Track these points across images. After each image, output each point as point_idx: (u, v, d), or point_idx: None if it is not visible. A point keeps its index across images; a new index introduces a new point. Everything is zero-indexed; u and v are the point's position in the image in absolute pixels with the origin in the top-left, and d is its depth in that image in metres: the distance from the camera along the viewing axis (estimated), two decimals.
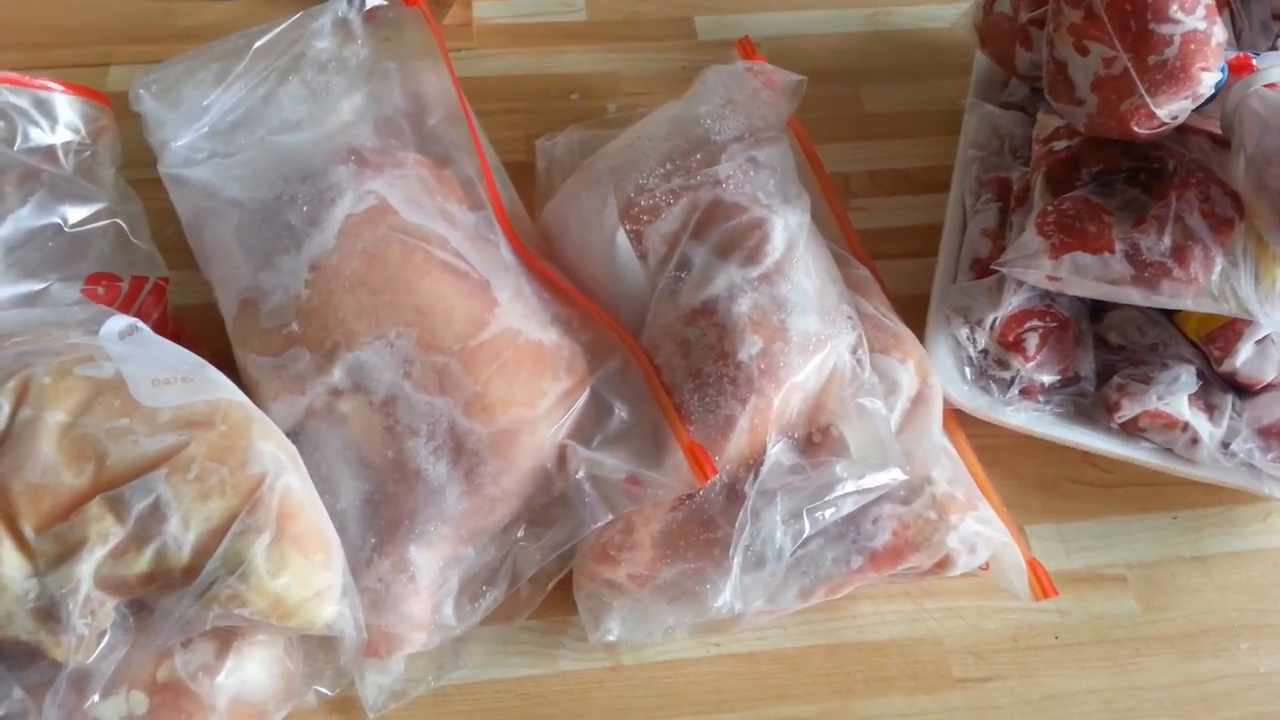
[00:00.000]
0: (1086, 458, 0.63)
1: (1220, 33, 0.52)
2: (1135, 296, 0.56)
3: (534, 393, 0.54)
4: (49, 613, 0.44)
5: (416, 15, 0.66)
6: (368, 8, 0.65)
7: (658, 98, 0.78)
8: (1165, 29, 0.51)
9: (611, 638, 0.54)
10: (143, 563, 0.44)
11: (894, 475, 0.52)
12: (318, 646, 0.50)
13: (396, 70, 0.64)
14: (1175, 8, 0.51)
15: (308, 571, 0.46)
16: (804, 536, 0.51)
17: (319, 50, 0.63)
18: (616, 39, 0.82)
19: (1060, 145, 0.61)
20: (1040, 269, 0.56)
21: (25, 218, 0.57)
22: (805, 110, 0.66)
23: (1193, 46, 0.51)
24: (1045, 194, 0.59)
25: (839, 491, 0.51)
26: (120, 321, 0.53)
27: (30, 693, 0.44)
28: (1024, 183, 0.64)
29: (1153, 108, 0.53)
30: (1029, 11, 0.67)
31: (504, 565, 0.53)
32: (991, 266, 0.59)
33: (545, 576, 0.54)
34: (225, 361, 0.54)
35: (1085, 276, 0.55)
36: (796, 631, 0.57)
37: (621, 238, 0.59)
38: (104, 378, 0.47)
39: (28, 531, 0.44)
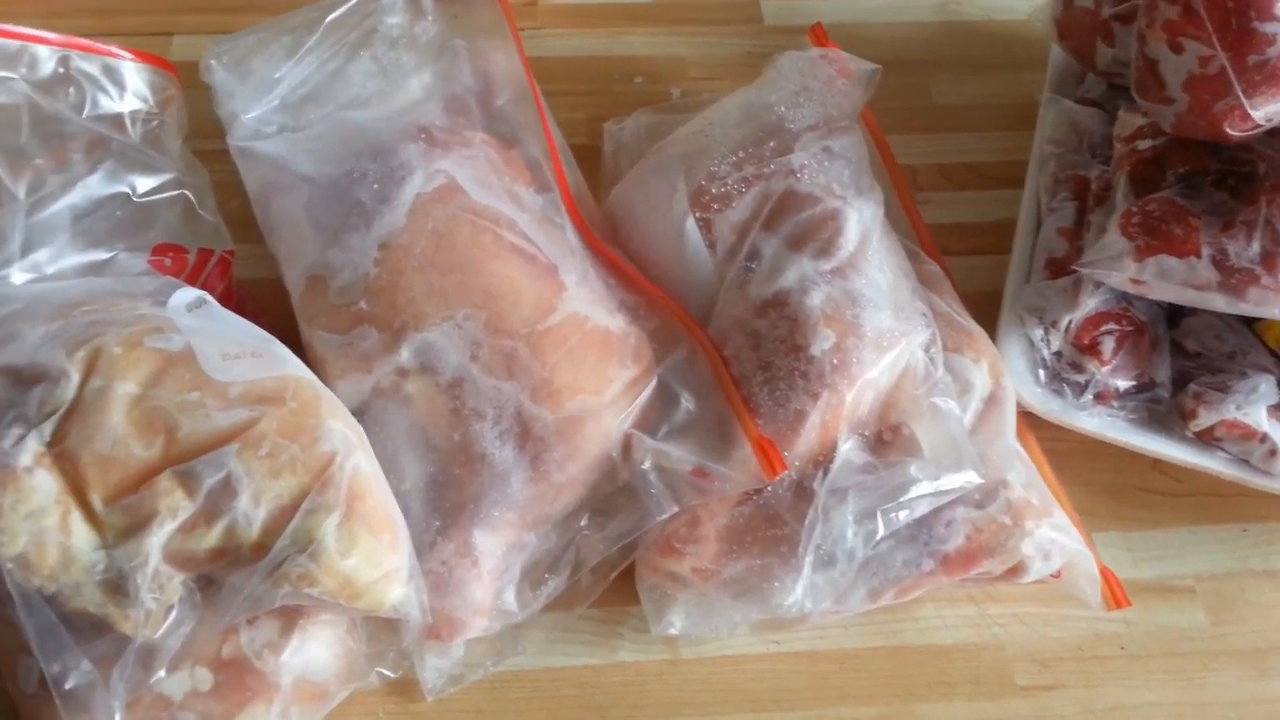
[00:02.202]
0: (1156, 465, 0.62)
1: None
2: (1220, 303, 0.54)
3: (601, 380, 0.54)
4: (117, 585, 0.44)
5: None
6: None
7: (722, 83, 0.77)
8: (1269, 28, 0.49)
9: (674, 631, 0.53)
10: (212, 538, 0.44)
11: (970, 478, 0.51)
12: (380, 628, 0.50)
13: (466, 48, 0.64)
14: None
15: (376, 552, 0.46)
16: (877, 538, 0.50)
17: (390, 26, 0.62)
18: (681, 21, 0.81)
19: (1144, 144, 0.59)
20: (1124, 271, 0.55)
21: (94, 186, 0.56)
22: (872, 100, 0.65)
23: None
24: (1129, 194, 0.58)
25: (914, 493, 0.50)
26: (188, 294, 0.52)
27: (97, 665, 0.43)
28: (1103, 181, 0.62)
29: (1248, 109, 0.51)
30: (1113, 6, 0.65)
31: (566, 553, 0.53)
32: (1073, 267, 0.58)
33: (607, 566, 0.54)
34: (286, 336, 0.53)
35: (1170, 281, 0.54)
36: (858, 632, 0.56)
37: (691, 225, 0.58)
38: (174, 350, 0.47)
39: (96, 503, 0.44)
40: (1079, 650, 0.56)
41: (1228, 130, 0.53)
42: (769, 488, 0.52)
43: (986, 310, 0.61)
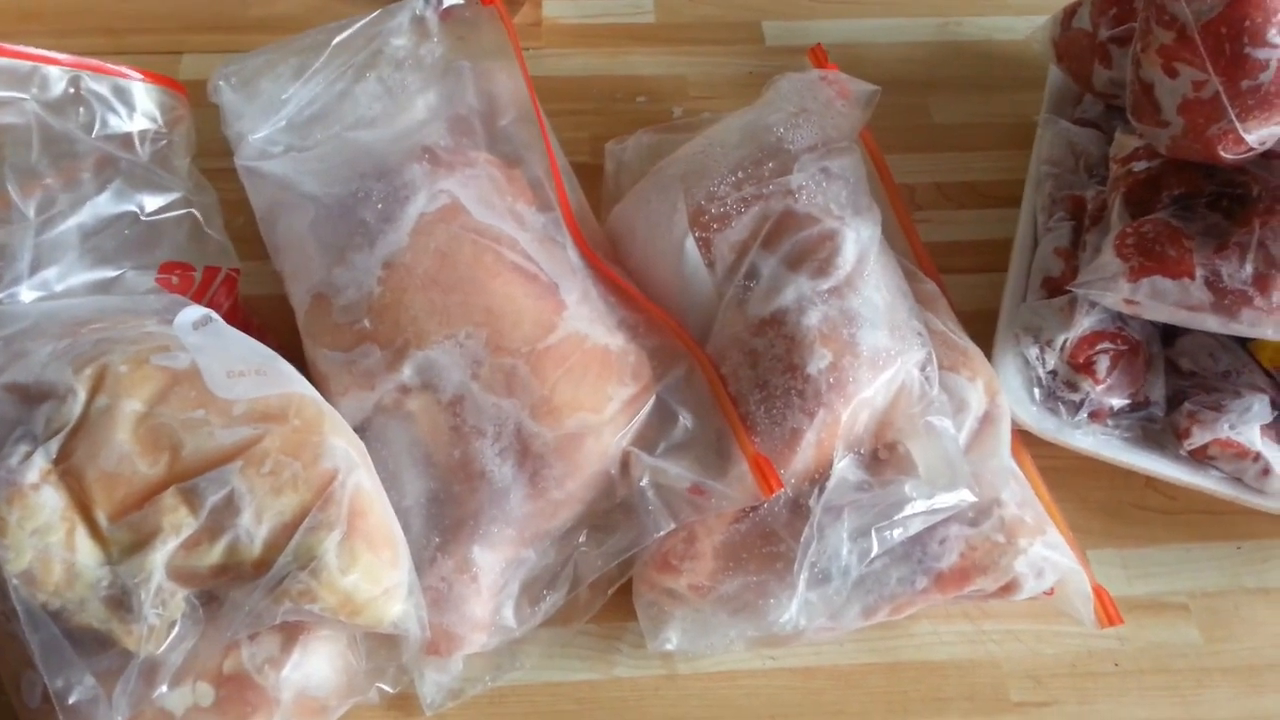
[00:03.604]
0: (1150, 483, 0.62)
1: None
2: (1213, 324, 0.55)
3: (600, 398, 0.54)
4: (121, 601, 0.44)
5: (491, 14, 0.66)
6: (444, 6, 0.65)
7: (724, 102, 0.78)
8: (1262, 53, 0.50)
9: (670, 647, 0.53)
10: (214, 555, 0.45)
11: (964, 496, 0.51)
12: (380, 643, 0.50)
13: (470, 69, 0.64)
14: (1274, 32, 0.49)
15: (377, 569, 0.46)
16: (871, 555, 0.51)
17: (396, 48, 0.63)
18: (684, 42, 0.82)
19: (1140, 166, 0.60)
20: (1118, 292, 0.55)
21: (103, 205, 0.57)
22: (871, 118, 0.65)
23: None
24: (1124, 215, 0.58)
25: (908, 511, 0.51)
26: (194, 312, 0.53)
27: (100, 680, 0.44)
28: (1099, 202, 0.63)
29: (1242, 133, 0.52)
30: (1110, 29, 0.66)
31: (565, 569, 0.54)
32: (1068, 287, 0.59)
33: (605, 582, 0.54)
34: (291, 353, 0.54)
35: (1164, 301, 0.55)
36: (854, 648, 0.56)
37: (690, 244, 0.59)
38: (179, 368, 0.48)
39: (101, 519, 0.45)
40: (1073, 667, 0.57)
41: (1222, 153, 0.54)
42: (765, 505, 0.53)
43: (982, 328, 0.62)
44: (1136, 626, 0.58)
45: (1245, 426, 0.57)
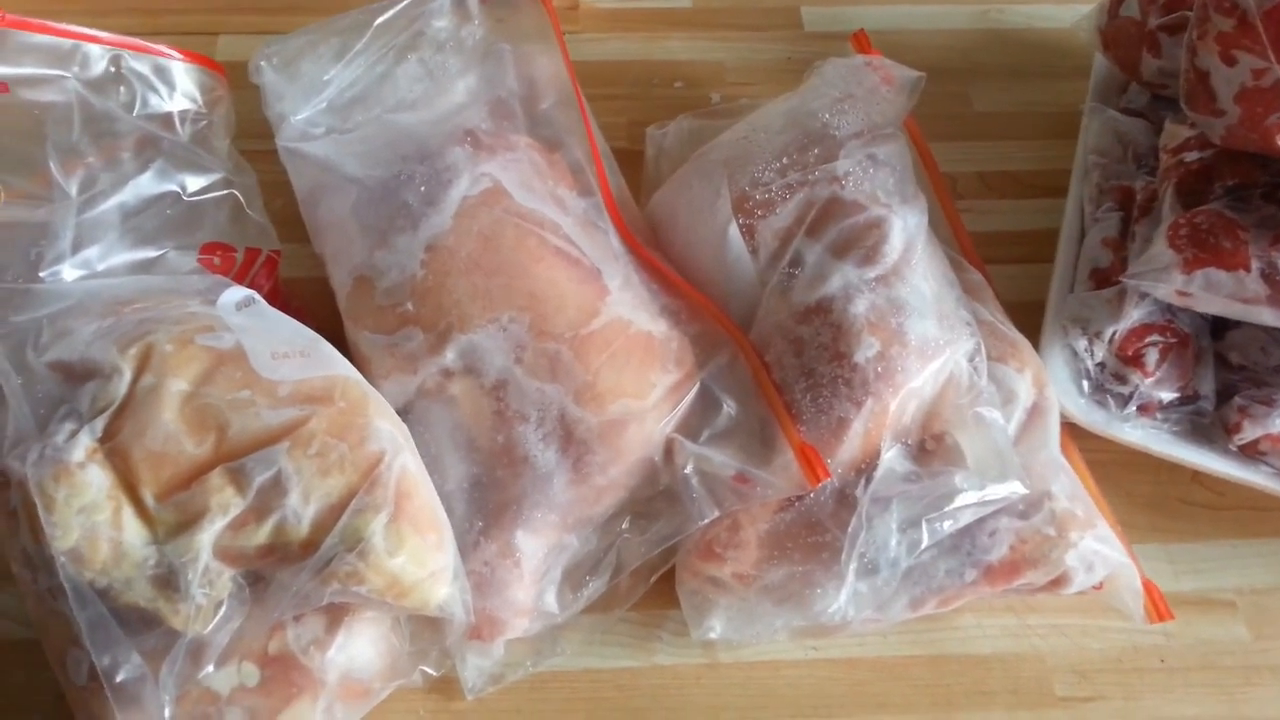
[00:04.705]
0: (1196, 477, 0.61)
1: None
2: (1269, 317, 0.54)
3: (643, 384, 0.54)
4: (167, 580, 0.44)
5: None
6: None
7: (762, 88, 0.78)
8: None
9: (714, 635, 0.53)
10: (262, 535, 0.44)
11: (1015, 488, 0.51)
12: (424, 626, 0.50)
13: (510, 52, 0.64)
14: None
15: (423, 551, 0.46)
16: (921, 547, 0.50)
17: (437, 29, 0.63)
18: (721, 27, 0.81)
19: (1192, 156, 0.59)
20: (1171, 283, 0.55)
21: (145, 184, 0.57)
22: (912, 107, 0.65)
23: None
24: (1176, 206, 0.58)
25: (958, 503, 0.50)
26: (238, 293, 0.53)
27: (147, 659, 0.44)
28: (1148, 192, 0.62)
29: None
30: (1160, 17, 0.65)
31: (608, 556, 0.53)
32: (1119, 279, 0.58)
33: (648, 570, 0.54)
34: (331, 335, 0.54)
35: (1217, 294, 0.54)
36: (897, 640, 0.56)
37: (734, 231, 0.59)
38: (225, 348, 0.48)
39: (148, 499, 0.44)
40: (1118, 662, 0.56)
41: None
42: (811, 494, 0.52)
43: (1027, 320, 0.61)
44: (1183, 623, 0.57)
45: None
